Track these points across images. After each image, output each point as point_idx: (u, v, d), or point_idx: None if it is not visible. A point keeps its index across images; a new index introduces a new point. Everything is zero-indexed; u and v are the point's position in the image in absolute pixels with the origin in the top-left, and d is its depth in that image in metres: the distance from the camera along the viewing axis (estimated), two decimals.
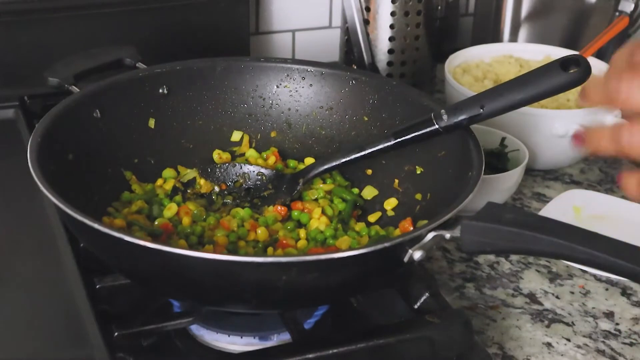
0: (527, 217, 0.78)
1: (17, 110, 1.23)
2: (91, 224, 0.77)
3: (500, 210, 0.78)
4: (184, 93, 1.05)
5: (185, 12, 1.33)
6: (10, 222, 1.04)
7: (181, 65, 1.05)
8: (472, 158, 0.89)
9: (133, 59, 1.07)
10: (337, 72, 1.06)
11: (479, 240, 0.77)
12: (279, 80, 1.07)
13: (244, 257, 0.75)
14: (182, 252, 0.74)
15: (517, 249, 0.78)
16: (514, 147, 1.17)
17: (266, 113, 1.08)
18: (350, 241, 0.94)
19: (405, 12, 1.34)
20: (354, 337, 0.83)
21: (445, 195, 0.89)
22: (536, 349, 0.93)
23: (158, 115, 1.04)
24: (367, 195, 1.02)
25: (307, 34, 1.50)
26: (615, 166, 1.28)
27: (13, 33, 1.24)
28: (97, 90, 0.99)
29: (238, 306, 0.84)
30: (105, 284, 0.88)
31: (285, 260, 0.77)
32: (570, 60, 0.86)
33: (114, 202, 0.97)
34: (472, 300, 1.00)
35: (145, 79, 1.03)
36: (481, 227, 0.77)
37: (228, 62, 1.07)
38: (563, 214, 1.11)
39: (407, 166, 1.00)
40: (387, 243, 0.77)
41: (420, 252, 0.79)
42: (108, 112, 0.99)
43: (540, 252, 0.76)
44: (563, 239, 0.73)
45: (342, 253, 0.75)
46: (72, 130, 0.95)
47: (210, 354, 0.87)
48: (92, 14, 1.28)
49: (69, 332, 0.87)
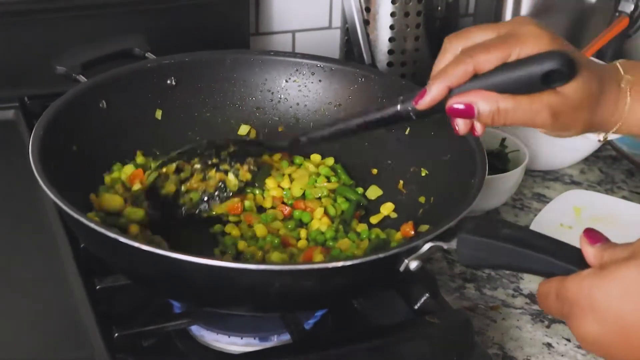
0: (524, 233, 0.76)
1: (17, 111, 1.23)
2: (88, 224, 0.77)
3: (498, 225, 0.77)
4: (193, 85, 1.05)
5: (185, 13, 1.33)
6: (11, 223, 1.04)
7: (190, 57, 1.05)
8: (475, 164, 0.89)
9: (142, 48, 1.06)
10: (346, 69, 1.06)
11: (474, 254, 0.76)
12: (288, 74, 1.07)
13: (236, 264, 0.74)
14: (177, 256, 0.73)
15: (513, 266, 0.76)
16: (514, 147, 1.17)
17: (274, 107, 1.07)
18: (349, 244, 0.94)
19: (405, 12, 1.34)
20: (354, 337, 0.83)
21: (448, 201, 0.88)
22: (536, 350, 0.93)
23: (165, 106, 1.03)
24: (371, 195, 1.02)
25: (307, 35, 1.50)
26: (615, 167, 1.28)
27: (13, 33, 1.24)
28: (104, 81, 0.99)
29: (234, 309, 0.84)
30: (105, 285, 0.88)
31: (277, 269, 0.77)
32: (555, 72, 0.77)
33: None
34: (472, 301, 1.00)
35: (153, 70, 1.03)
36: (477, 241, 0.76)
37: (237, 55, 1.07)
38: (563, 215, 1.11)
39: (412, 167, 0.99)
40: (382, 254, 0.77)
41: (416, 262, 0.78)
42: (114, 102, 0.99)
43: (535, 270, 0.74)
44: (559, 259, 0.72)
45: (336, 263, 0.75)
46: (77, 120, 0.94)
47: (211, 355, 0.87)
48: (90, 15, 1.27)
49: (69, 332, 0.87)
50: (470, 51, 0.80)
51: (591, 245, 0.70)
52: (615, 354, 0.68)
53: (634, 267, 0.65)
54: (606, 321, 0.66)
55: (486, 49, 0.79)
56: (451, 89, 0.80)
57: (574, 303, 0.68)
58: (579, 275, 0.68)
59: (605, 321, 0.66)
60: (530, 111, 0.78)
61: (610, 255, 0.68)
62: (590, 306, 0.67)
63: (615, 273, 0.66)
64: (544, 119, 0.79)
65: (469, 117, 0.80)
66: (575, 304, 0.68)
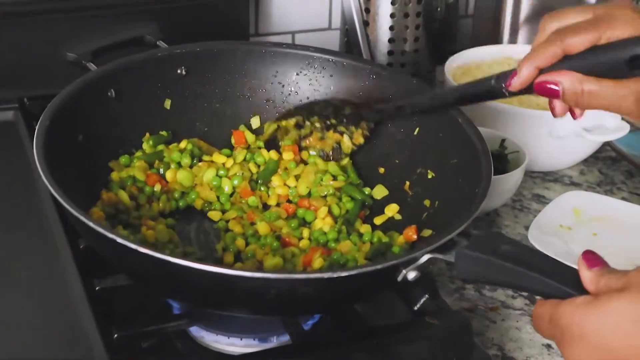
0: (523, 251, 0.75)
1: (16, 112, 1.22)
2: (88, 222, 0.77)
3: (497, 241, 0.76)
4: (203, 75, 1.04)
5: (184, 14, 1.33)
6: (10, 223, 1.04)
7: (201, 47, 1.04)
8: (481, 173, 0.88)
9: (154, 36, 1.06)
10: (358, 65, 1.06)
11: (472, 269, 0.76)
12: (299, 67, 1.06)
13: (233, 271, 0.74)
14: (174, 260, 0.74)
15: (509, 284, 0.76)
16: (513, 148, 1.17)
17: (285, 100, 1.07)
18: (351, 247, 0.94)
19: (405, 13, 1.34)
20: (353, 338, 0.83)
21: (452, 206, 0.88)
22: (536, 351, 0.93)
23: (175, 96, 1.03)
24: (377, 194, 1.02)
25: (307, 36, 1.50)
26: (614, 168, 1.28)
27: (13, 33, 1.24)
28: (113, 70, 0.98)
29: (233, 311, 0.84)
30: (105, 286, 0.87)
31: (273, 277, 0.76)
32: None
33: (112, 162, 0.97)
34: (471, 302, 1.00)
35: (163, 59, 1.02)
36: (475, 257, 0.75)
37: (249, 46, 1.07)
38: (563, 216, 1.11)
39: (419, 169, 0.99)
40: (380, 265, 0.77)
41: (414, 272, 0.78)
42: (123, 91, 0.98)
43: (532, 290, 0.74)
44: (556, 280, 0.71)
45: (333, 273, 0.75)
46: (84, 109, 0.94)
47: (210, 356, 0.87)
48: (90, 16, 1.27)
49: (68, 333, 0.87)
50: (561, 33, 0.80)
51: (589, 269, 0.69)
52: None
53: (626, 301, 0.65)
54: (595, 352, 0.66)
55: (576, 31, 0.79)
56: (541, 70, 0.81)
57: (565, 330, 0.68)
58: (573, 302, 0.68)
59: (594, 352, 0.66)
60: (615, 96, 0.78)
61: (606, 282, 0.68)
62: (580, 335, 0.66)
63: (606, 305, 0.66)
64: (628, 105, 0.78)
65: (554, 96, 0.80)
66: (566, 330, 0.67)
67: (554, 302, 0.69)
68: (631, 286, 0.66)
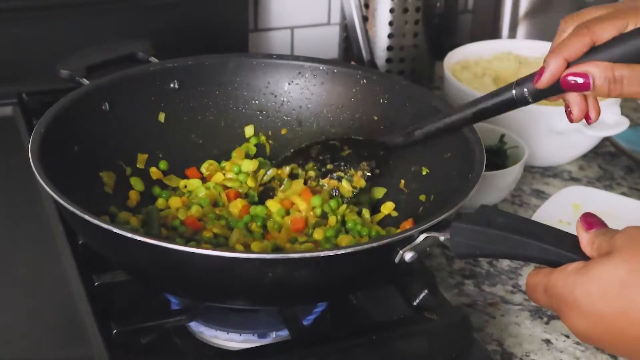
0: (518, 221, 0.76)
1: (15, 107, 1.23)
2: (80, 213, 0.77)
3: (491, 214, 0.76)
4: (196, 88, 1.05)
5: (183, 9, 1.33)
6: (9, 220, 1.04)
7: (193, 61, 1.05)
8: (474, 159, 0.89)
9: (146, 53, 1.06)
10: (348, 71, 1.06)
11: (468, 243, 0.76)
12: (290, 77, 1.07)
13: (228, 253, 0.74)
14: (166, 245, 0.74)
15: (506, 254, 0.76)
16: (513, 143, 1.17)
17: (277, 110, 1.08)
18: (350, 240, 0.94)
19: (404, 8, 1.34)
20: (352, 334, 0.83)
21: (448, 198, 0.88)
22: (535, 346, 0.93)
23: (168, 109, 1.03)
24: (377, 194, 1.02)
25: (306, 31, 1.50)
26: (614, 163, 1.28)
27: (12, 30, 1.24)
28: (107, 84, 0.99)
29: (230, 301, 0.84)
30: (104, 281, 0.88)
31: (269, 257, 0.76)
32: None
33: (112, 207, 0.96)
34: (471, 297, 1.00)
35: (156, 73, 1.03)
36: (470, 230, 0.75)
37: (240, 59, 1.07)
38: (562, 211, 1.11)
39: (413, 167, 0.99)
40: (375, 243, 0.77)
41: (411, 253, 0.78)
42: (117, 105, 0.99)
43: (530, 257, 0.74)
44: (553, 245, 0.71)
45: (328, 251, 0.75)
46: (79, 121, 0.94)
47: (209, 351, 0.87)
48: (88, 11, 1.28)
49: (67, 329, 0.87)
50: (587, 24, 0.79)
51: (586, 232, 0.69)
52: (608, 347, 0.69)
53: (612, 265, 0.65)
54: (590, 318, 0.67)
55: (602, 20, 0.79)
56: (569, 63, 0.80)
57: (560, 299, 0.68)
58: (565, 270, 0.68)
59: (589, 318, 0.67)
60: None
61: (597, 246, 0.68)
62: (574, 303, 0.67)
63: (594, 271, 0.66)
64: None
65: (584, 89, 0.79)
66: (562, 299, 0.68)
67: (547, 271, 0.70)
68: (615, 250, 0.66)
